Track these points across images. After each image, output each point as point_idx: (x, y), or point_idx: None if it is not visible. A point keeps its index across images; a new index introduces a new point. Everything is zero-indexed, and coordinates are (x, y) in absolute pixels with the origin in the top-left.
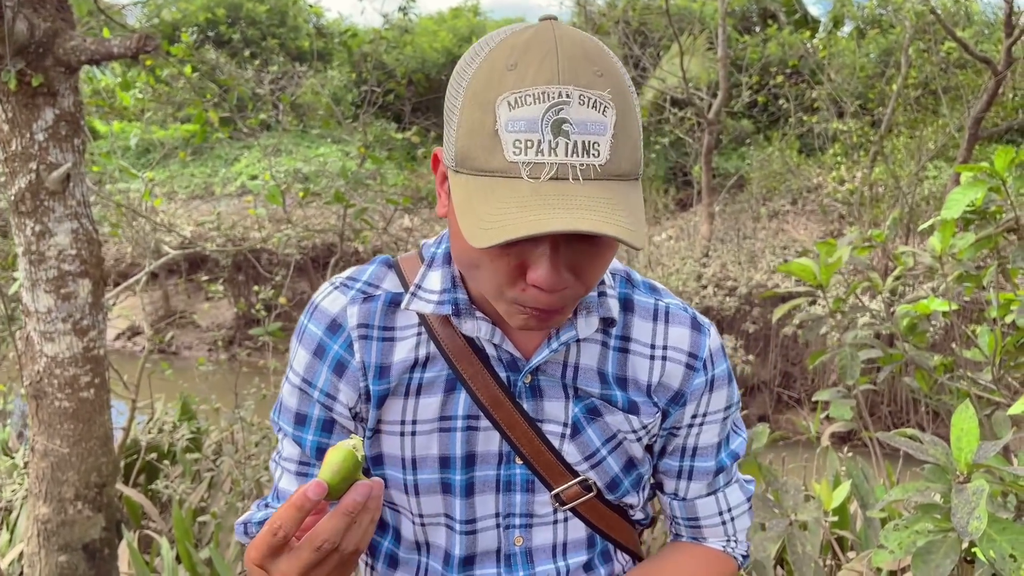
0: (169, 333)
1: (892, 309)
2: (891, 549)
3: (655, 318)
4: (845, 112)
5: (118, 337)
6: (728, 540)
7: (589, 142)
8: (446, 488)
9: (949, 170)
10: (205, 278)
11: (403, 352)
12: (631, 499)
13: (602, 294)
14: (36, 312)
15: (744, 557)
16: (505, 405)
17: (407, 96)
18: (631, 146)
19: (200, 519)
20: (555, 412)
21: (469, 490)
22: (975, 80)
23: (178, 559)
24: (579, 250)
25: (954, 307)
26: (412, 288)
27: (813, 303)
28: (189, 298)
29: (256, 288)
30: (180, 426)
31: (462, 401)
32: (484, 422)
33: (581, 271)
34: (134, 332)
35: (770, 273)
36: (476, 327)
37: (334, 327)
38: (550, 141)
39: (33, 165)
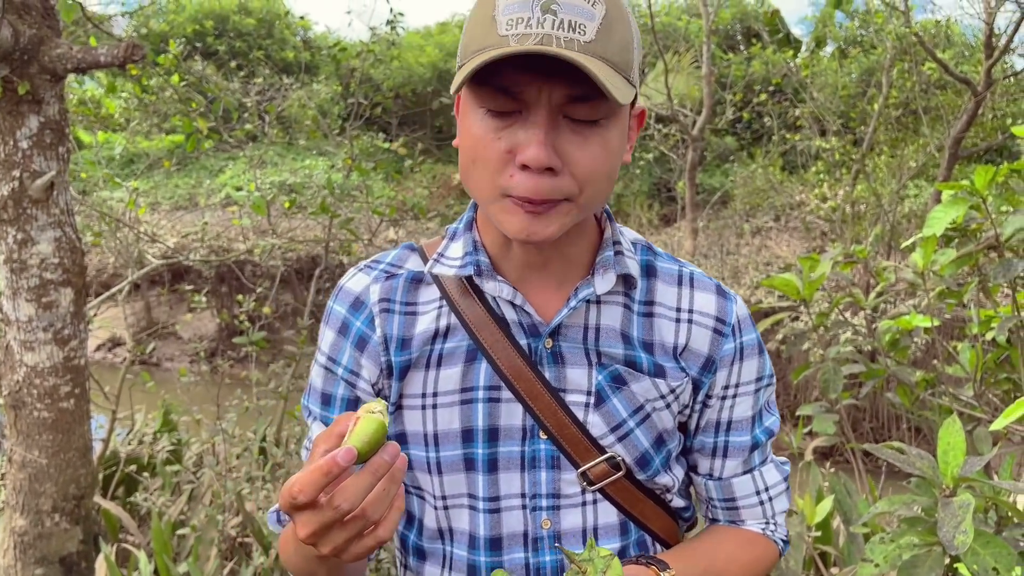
0: (151, 344)
1: (874, 325)
2: (876, 563)
3: (680, 283)
4: (827, 130)
5: (99, 348)
6: (767, 523)
7: (576, 22)
8: (469, 464)
9: (930, 189)
10: (188, 288)
11: (424, 324)
12: (664, 479)
13: (619, 253)
14: (17, 321)
15: (784, 542)
16: (526, 375)
17: (394, 110)
18: (620, 42)
19: (179, 532)
20: (578, 380)
21: (492, 466)
22: (955, 100)
23: (156, 573)
24: (568, 138)
25: (936, 323)
26: (435, 256)
27: (795, 319)
28: (171, 309)
29: (239, 299)
30: (160, 438)
31: (483, 371)
32: (506, 393)
33: (570, 159)
34: (115, 343)
35: (753, 289)
36: (498, 288)
37: (357, 304)
38: (539, 17)
39: (16, 173)
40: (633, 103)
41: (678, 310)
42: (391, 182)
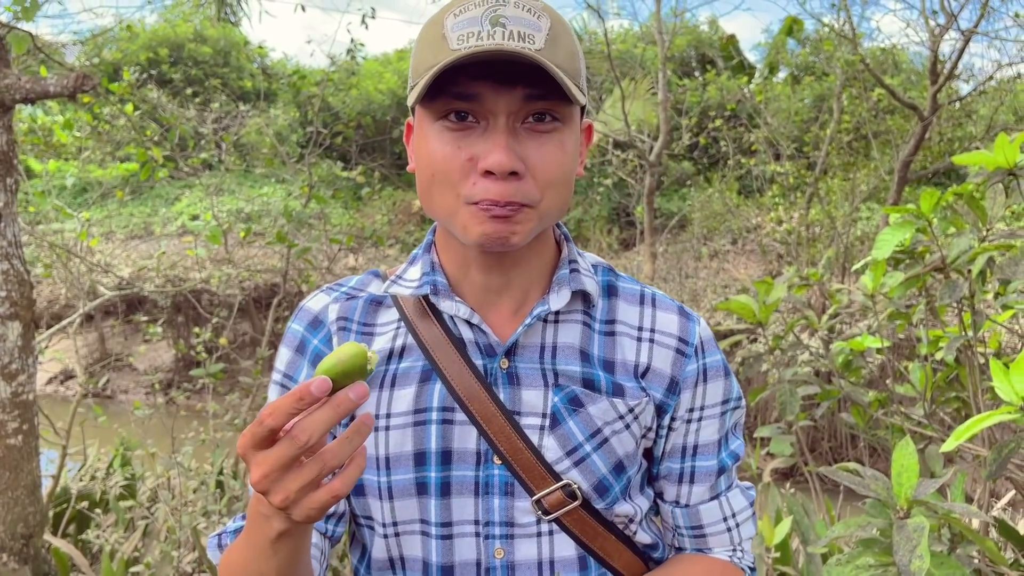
0: (104, 376)
1: (830, 346)
2: None
3: (641, 302)
4: (782, 155)
5: (50, 381)
6: (734, 550)
7: (525, 32)
8: (421, 488)
9: (881, 211)
10: (143, 319)
11: (380, 344)
12: (624, 508)
13: (574, 271)
14: None
15: (751, 569)
16: (480, 396)
17: (354, 137)
18: (567, 51)
19: (133, 570)
20: (533, 402)
21: (445, 490)
22: (903, 125)
23: None
24: (527, 144)
25: (887, 344)
26: (392, 278)
27: (754, 340)
28: (126, 340)
29: (196, 330)
30: (113, 473)
31: (437, 392)
32: (460, 415)
33: (531, 163)
34: (68, 376)
35: (711, 311)
36: (454, 307)
37: (315, 323)
38: (489, 30)
39: None
40: (582, 116)
41: (640, 328)
42: (350, 209)
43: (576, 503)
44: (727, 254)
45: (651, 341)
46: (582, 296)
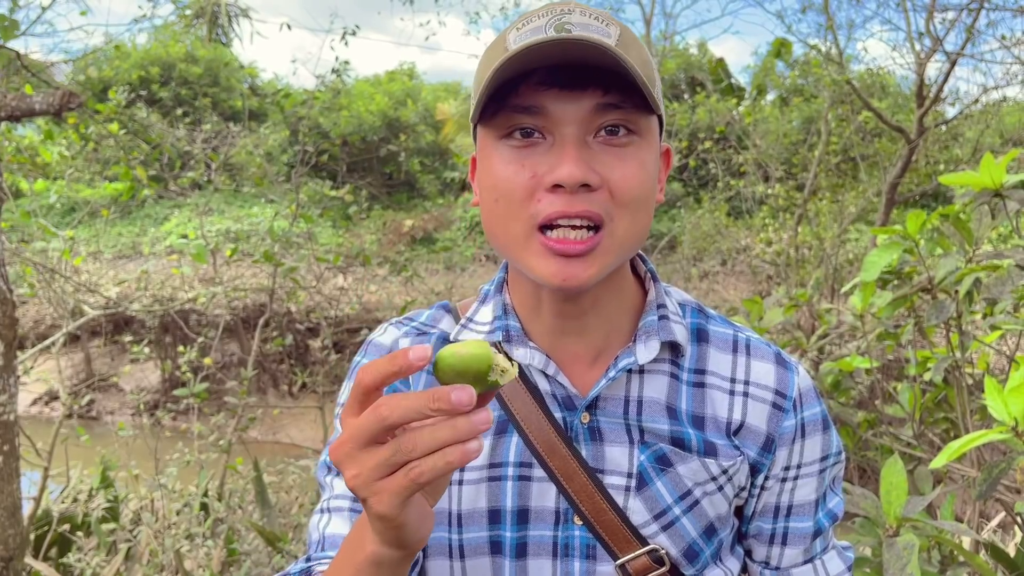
0: (88, 397)
1: (819, 367)
2: None
3: (734, 349)
4: (771, 176)
5: (35, 402)
6: None
7: (591, 38)
8: (495, 548)
9: (869, 232)
10: (129, 339)
11: None
12: (714, 574)
13: (663, 318)
14: None
15: None
16: (560, 451)
17: (343, 157)
18: (639, 58)
19: None
20: (617, 460)
21: (521, 551)
22: (891, 148)
23: None
24: (601, 158)
25: (875, 364)
26: (463, 321)
27: None
28: (113, 360)
29: (181, 348)
30: (96, 495)
31: (513, 446)
32: (538, 471)
33: (608, 175)
34: (53, 397)
35: None
36: (529, 355)
37: None
38: (553, 37)
39: None
40: (661, 135)
41: (733, 380)
42: (340, 229)
43: (663, 569)
44: (717, 275)
45: (745, 395)
46: (670, 345)
